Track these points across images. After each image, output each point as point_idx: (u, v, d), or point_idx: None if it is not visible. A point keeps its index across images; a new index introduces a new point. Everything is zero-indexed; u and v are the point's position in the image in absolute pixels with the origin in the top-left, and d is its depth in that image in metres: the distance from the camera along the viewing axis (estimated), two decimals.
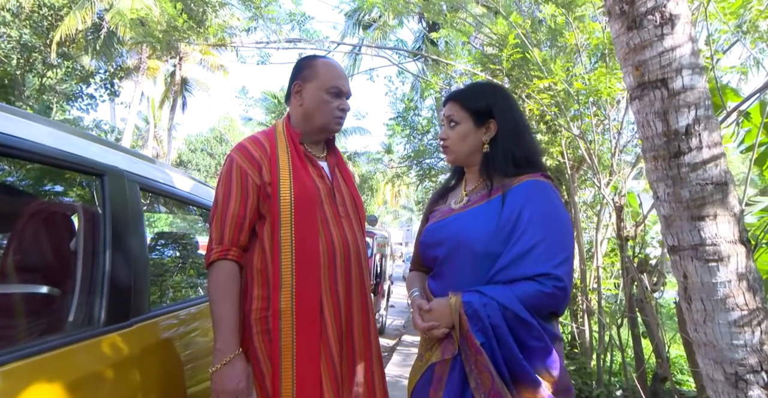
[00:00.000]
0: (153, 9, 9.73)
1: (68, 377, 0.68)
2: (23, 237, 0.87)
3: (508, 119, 1.17)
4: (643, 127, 1.55)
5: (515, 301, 0.95)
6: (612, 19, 1.58)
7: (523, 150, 1.16)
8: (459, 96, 1.21)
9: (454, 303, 1.00)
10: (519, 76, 3.42)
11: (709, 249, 1.39)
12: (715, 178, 1.40)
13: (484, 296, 0.98)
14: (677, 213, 1.46)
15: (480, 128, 1.17)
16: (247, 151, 1.22)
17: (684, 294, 1.50)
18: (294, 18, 3.41)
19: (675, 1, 1.44)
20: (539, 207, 1.05)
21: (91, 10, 9.41)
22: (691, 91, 1.42)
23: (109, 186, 0.87)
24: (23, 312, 0.83)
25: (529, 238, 1.00)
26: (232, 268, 1.14)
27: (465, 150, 1.18)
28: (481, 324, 0.95)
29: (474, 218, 1.10)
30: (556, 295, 0.98)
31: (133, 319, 0.90)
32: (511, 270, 0.99)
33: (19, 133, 0.71)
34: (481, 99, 1.19)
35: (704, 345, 1.45)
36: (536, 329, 0.96)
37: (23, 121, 0.76)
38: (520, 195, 1.08)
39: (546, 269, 0.98)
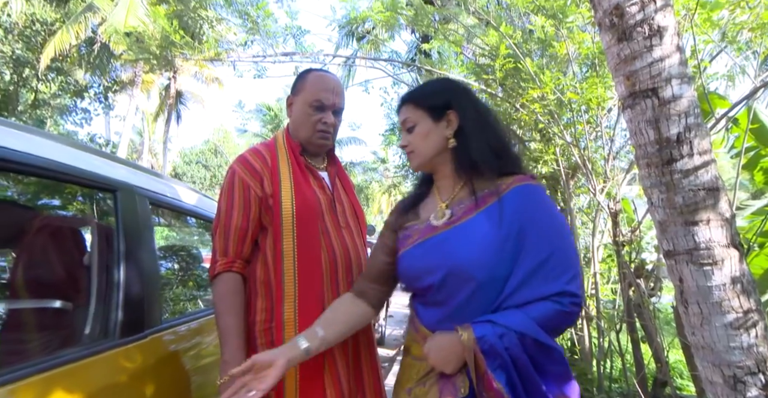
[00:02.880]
0: (147, 23, 9.81)
1: (88, 388, 0.70)
2: (40, 253, 0.88)
3: (469, 107, 1.04)
4: (636, 135, 1.59)
5: (533, 326, 0.84)
6: (602, 31, 1.64)
7: (496, 138, 1.04)
8: (410, 96, 1.09)
9: (467, 339, 0.84)
10: (512, 85, 3.48)
11: (704, 254, 1.42)
12: (707, 183, 1.44)
13: (498, 326, 0.85)
14: (671, 218, 1.50)
15: (439, 122, 1.03)
16: (248, 163, 1.22)
17: (680, 298, 1.53)
18: (290, 32, 3.47)
19: (662, 13, 1.50)
20: (541, 217, 0.95)
21: (84, 24, 9.47)
22: (680, 99, 1.47)
23: (121, 201, 0.89)
24: (43, 325, 0.84)
25: (536, 255, 0.90)
26: (237, 280, 1.15)
27: (430, 150, 1.04)
28: (500, 360, 0.83)
29: (467, 237, 0.94)
30: (575, 313, 0.90)
31: (147, 331, 0.91)
32: (523, 292, 0.89)
33: (36, 151, 0.73)
34: (434, 94, 1.07)
35: (702, 348, 1.47)
36: (557, 352, 0.86)
37: (41, 139, 0.77)
38: (516, 205, 0.96)
39: (560, 287, 0.88)
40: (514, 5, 3.45)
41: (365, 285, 1.08)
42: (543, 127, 3.12)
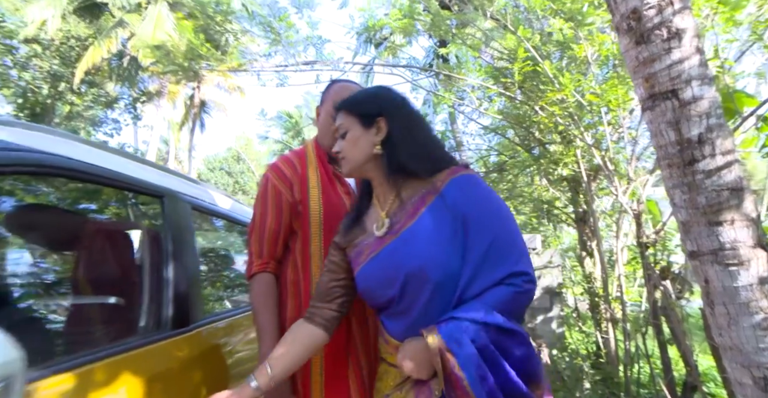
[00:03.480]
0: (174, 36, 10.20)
1: (146, 373, 0.78)
2: (101, 254, 0.97)
3: (398, 115, 1.05)
4: (656, 136, 1.60)
5: (492, 313, 0.86)
6: (620, 35, 1.66)
7: (422, 141, 1.04)
8: (344, 104, 1.10)
9: (433, 341, 0.84)
10: (531, 88, 3.49)
11: (729, 254, 1.42)
12: (731, 183, 1.43)
13: (461, 321, 0.86)
14: (695, 219, 1.50)
15: (369, 129, 1.04)
16: (280, 171, 1.29)
17: (706, 299, 1.52)
18: (311, 41, 3.57)
19: (681, 16, 1.51)
20: (479, 206, 0.95)
21: (115, 39, 9.92)
22: (701, 100, 1.47)
23: (167, 206, 0.97)
24: (108, 318, 0.93)
25: (481, 244, 0.91)
26: (271, 280, 1.21)
27: (359, 156, 1.04)
28: (473, 355, 0.82)
29: (414, 242, 0.95)
30: (530, 290, 0.91)
31: (192, 325, 0.99)
32: (477, 282, 0.90)
33: (97, 161, 0.82)
34: (365, 101, 1.08)
35: (730, 350, 1.46)
36: (520, 335, 0.87)
37: (101, 152, 0.86)
38: (454, 199, 0.96)
39: (509, 269, 0.90)
40: (532, 9, 3.46)
41: (314, 308, 1.07)
42: (563, 129, 3.12)
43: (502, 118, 4.18)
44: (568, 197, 4.02)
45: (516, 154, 4.44)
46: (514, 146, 4.50)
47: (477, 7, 4.46)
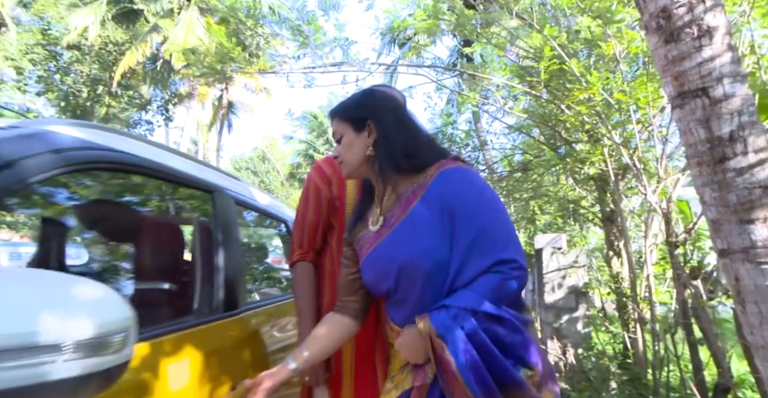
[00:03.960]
0: (204, 40, 10.56)
1: (203, 348, 0.89)
2: (166, 245, 1.08)
3: (386, 116, 1.10)
4: (686, 134, 1.59)
5: (481, 300, 0.89)
6: (649, 33, 1.66)
7: (410, 140, 1.08)
8: (336, 110, 1.17)
9: (424, 327, 0.90)
10: (557, 86, 3.47)
11: (761, 252, 1.40)
12: (764, 181, 1.42)
13: (451, 308, 0.90)
14: (725, 217, 1.49)
15: (360, 133, 1.10)
16: (321, 170, 1.40)
17: (737, 297, 1.51)
18: (338, 43, 3.66)
19: (713, 13, 1.50)
20: (466, 197, 0.99)
21: (150, 43, 10.35)
22: (733, 98, 1.47)
23: (217, 201, 1.06)
24: (172, 301, 1.04)
25: (468, 234, 0.94)
26: (310, 268, 1.31)
27: (354, 159, 1.10)
28: (460, 340, 0.86)
29: (404, 236, 1.00)
30: (518, 276, 0.93)
31: (239, 309, 1.08)
32: (466, 272, 0.93)
33: (163, 161, 0.92)
34: (354, 106, 1.14)
35: (762, 348, 1.44)
36: (510, 322, 0.91)
37: (164, 152, 0.96)
38: (441, 192, 1.00)
39: (495, 257, 0.92)
40: (559, 6, 3.44)
41: (341, 301, 1.13)
42: (590, 127, 3.09)
43: (527, 117, 4.16)
44: (594, 196, 3.97)
45: (541, 152, 4.41)
46: (539, 145, 4.46)
47: (502, 6, 4.45)
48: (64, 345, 0.34)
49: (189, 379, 0.83)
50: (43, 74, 10.81)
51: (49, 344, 0.33)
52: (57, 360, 0.33)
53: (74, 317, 0.35)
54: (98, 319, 0.37)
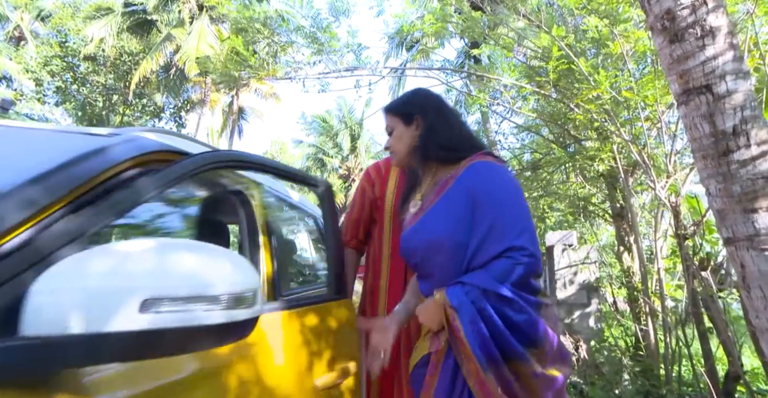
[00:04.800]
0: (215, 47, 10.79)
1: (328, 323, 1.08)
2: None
3: (430, 112, 1.24)
4: (691, 129, 1.68)
5: (492, 281, 0.99)
6: (654, 34, 1.75)
7: (450, 133, 1.21)
8: (388, 107, 1.33)
9: (440, 298, 1.03)
10: (566, 85, 3.54)
11: (764, 239, 1.48)
12: (765, 172, 1.50)
13: (465, 285, 1.01)
14: (730, 207, 1.56)
15: (409, 126, 1.26)
16: (367, 173, 1.67)
17: (743, 283, 1.58)
18: (351, 48, 3.79)
19: (715, 14, 1.59)
20: (489, 188, 1.10)
21: (164, 53, 10.62)
22: (736, 93, 1.55)
23: (324, 194, 1.24)
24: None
25: (486, 221, 1.05)
26: (351, 253, 1.59)
27: (403, 149, 1.26)
28: (468, 312, 0.98)
29: (433, 218, 1.13)
30: (528, 263, 1.02)
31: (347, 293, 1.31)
32: (481, 254, 1.04)
33: (262, 159, 1.08)
34: (404, 102, 1.31)
35: (767, 331, 1.51)
36: (516, 303, 0.99)
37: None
38: (468, 182, 1.11)
39: (508, 243, 1.02)
40: (567, 7, 3.52)
41: None
42: (599, 125, 3.16)
43: (537, 117, 4.23)
44: (604, 193, 4.03)
45: (551, 151, 4.47)
46: (548, 144, 4.53)
47: (509, 7, 4.53)
48: (221, 297, 0.45)
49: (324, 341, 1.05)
50: (61, 85, 11.13)
51: (212, 295, 0.44)
52: (215, 309, 0.44)
53: (225, 276, 0.46)
54: (239, 280, 0.47)
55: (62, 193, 0.56)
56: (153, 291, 0.40)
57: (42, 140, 0.73)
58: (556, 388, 1.00)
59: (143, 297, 0.40)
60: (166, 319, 0.41)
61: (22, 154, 0.65)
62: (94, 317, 0.39)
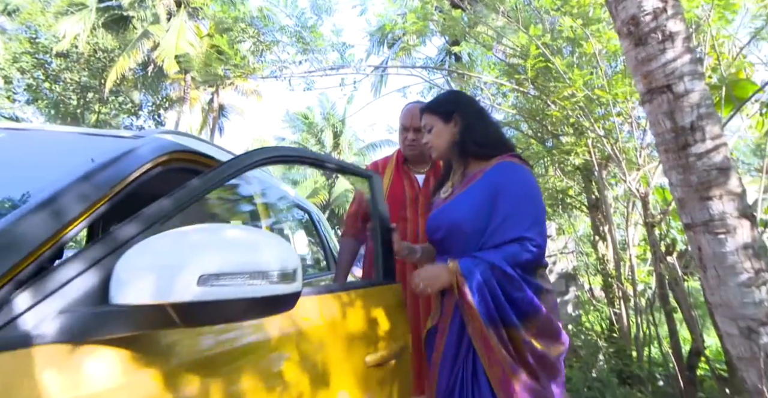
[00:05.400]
0: (195, 45, 10.63)
1: (379, 303, 1.19)
2: None
3: (468, 111, 1.41)
4: (655, 125, 1.83)
5: (501, 260, 1.16)
6: (621, 38, 1.89)
7: (486, 132, 1.39)
8: (427, 106, 1.48)
9: (453, 266, 1.20)
10: (543, 82, 3.70)
11: (718, 224, 1.65)
12: (719, 164, 1.66)
13: (476, 259, 1.19)
14: (688, 195, 1.73)
15: (448, 124, 1.41)
16: None
17: (700, 263, 1.75)
18: (335, 47, 3.86)
19: (673, 20, 1.74)
20: (511, 185, 1.27)
21: (141, 50, 10.40)
22: (692, 93, 1.71)
23: (374, 184, 1.36)
24: None
25: (504, 212, 1.22)
26: (348, 241, 1.80)
27: (443, 144, 1.41)
28: (475, 280, 1.15)
29: (459, 204, 1.31)
30: (534, 251, 1.19)
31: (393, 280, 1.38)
32: (494, 238, 1.21)
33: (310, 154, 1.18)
34: (444, 102, 1.46)
35: (720, 306, 1.69)
36: (517, 281, 1.16)
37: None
38: (494, 177, 1.29)
39: (520, 232, 1.20)
40: (542, 6, 3.67)
41: None
42: (574, 121, 3.33)
43: (516, 113, 4.39)
44: (581, 186, 4.23)
45: (530, 146, 4.65)
46: (527, 139, 4.70)
47: (489, 6, 4.66)
48: (267, 274, 0.54)
49: (378, 321, 1.16)
50: (32, 83, 10.77)
51: (259, 271, 0.53)
52: (262, 284, 0.52)
53: (271, 256, 0.55)
54: (282, 258, 0.56)
55: (106, 189, 0.65)
56: (208, 267, 0.49)
57: (78, 143, 0.81)
58: (538, 355, 1.16)
59: (200, 272, 0.49)
60: (220, 292, 0.50)
61: (65, 156, 0.73)
62: (162, 289, 0.48)
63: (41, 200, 0.57)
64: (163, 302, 0.48)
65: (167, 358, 0.57)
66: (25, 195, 0.61)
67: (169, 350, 0.57)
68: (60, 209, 0.57)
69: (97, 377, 0.49)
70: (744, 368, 1.71)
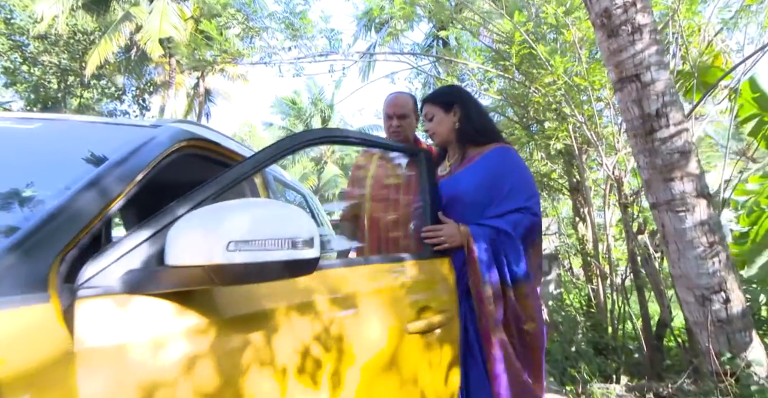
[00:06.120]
0: (179, 28, 10.40)
1: (424, 275, 1.26)
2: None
3: (468, 104, 1.58)
4: (625, 112, 1.97)
5: (504, 224, 1.36)
6: (596, 29, 2.01)
7: (483, 123, 1.57)
8: (430, 97, 1.64)
9: (464, 230, 1.38)
10: (527, 69, 3.81)
11: (678, 203, 1.81)
12: (680, 148, 1.82)
13: (483, 225, 1.38)
14: (654, 177, 1.88)
15: (449, 114, 1.57)
16: (359, 156, 2.00)
17: (663, 239, 1.92)
18: (324, 33, 3.89)
19: (642, 14, 1.86)
20: (507, 165, 1.46)
21: (123, 33, 10.15)
22: (658, 82, 1.84)
23: (422, 162, 1.43)
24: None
25: (507, 186, 1.41)
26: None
27: (444, 131, 1.57)
28: (483, 241, 1.34)
29: (461, 180, 1.49)
30: (533, 219, 1.40)
31: None
32: (500, 207, 1.40)
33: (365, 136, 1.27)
34: (445, 94, 1.63)
35: (680, 277, 1.87)
36: (515, 241, 1.36)
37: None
38: (493, 159, 1.48)
39: (520, 203, 1.40)
40: None
41: None
42: (556, 107, 3.46)
43: (502, 98, 4.50)
44: (563, 169, 4.39)
45: (516, 131, 4.78)
46: (513, 124, 4.83)
47: None
48: (288, 241, 0.65)
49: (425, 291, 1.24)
50: (9, 65, 10.46)
51: (282, 238, 0.63)
52: (284, 249, 0.62)
53: (293, 224, 0.65)
54: (302, 227, 0.66)
55: (136, 172, 0.75)
56: (237, 235, 0.60)
57: (107, 132, 0.90)
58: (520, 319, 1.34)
59: (229, 239, 0.60)
60: (246, 256, 0.61)
61: (95, 145, 0.83)
62: (200, 253, 0.59)
63: (88, 181, 0.67)
64: (201, 264, 0.60)
65: (213, 312, 0.69)
66: (70, 178, 0.71)
67: (212, 305, 0.69)
68: (105, 189, 0.68)
69: (152, 323, 0.61)
70: (698, 332, 1.91)
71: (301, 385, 0.76)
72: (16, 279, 0.51)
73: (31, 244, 0.54)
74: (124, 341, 0.57)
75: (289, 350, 0.77)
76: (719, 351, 1.70)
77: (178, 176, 1.07)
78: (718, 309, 1.74)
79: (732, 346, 1.70)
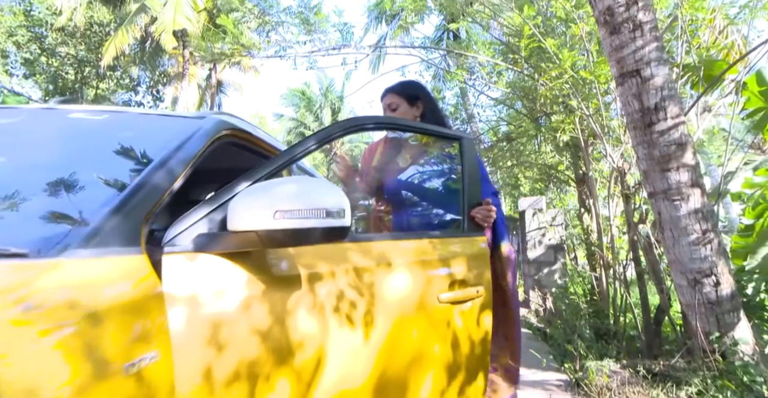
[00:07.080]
0: (192, 20, 10.53)
1: (464, 251, 1.34)
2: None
3: (430, 100, 1.71)
4: (625, 105, 2.07)
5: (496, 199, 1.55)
6: (599, 26, 2.10)
7: (442, 118, 1.70)
8: (395, 88, 1.72)
9: None
10: (536, 62, 3.88)
11: (674, 192, 1.92)
12: (677, 140, 1.92)
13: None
14: (651, 167, 1.99)
15: (412, 107, 1.68)
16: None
17: (659, 227, 2.03)
18: (338, 27, 4.00)
19: (643, 11, 1.95)
20: None
21: (138, 25, 10.33)
22: (657, 77, 1.94)
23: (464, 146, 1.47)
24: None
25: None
26: None
27: None
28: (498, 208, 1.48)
29: None
30: None
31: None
32: None
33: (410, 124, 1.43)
34: (412, 88, 1.73)
35: (674, 262, 1.98)
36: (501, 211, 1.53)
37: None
38: None
39: (493, 189, 1.57)
40: None
41: None
42: (562, 100, 3.54)
43: (511, 91, 4.58)
44: (570, 161, 4.47)
45: (524, 123, 4.86)
46: (521, 117, 4.91)
47: None
48: (325, 210, 0.79)
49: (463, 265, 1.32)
50: (29, 57, 10.71)
51: (318, 208, 0.77)
52: (320, 218, 0.77)
53: (327, 197, 0.79)
54: (335, 200, 0.80)
55: (191, 156, 0.89)
56: (281, 206, 0.75)
57: (162, 123, 1.05)
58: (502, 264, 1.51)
59: (275, 209, 0.75)
60: (287, 223, 0.75)
61: (155, 133, 0.97)
62: (251, 220, 0.74)
63: (158, 162, 0.82)
64: (252, 229, 0.74)
65: (265, 270, 0.83)
66: (142, 161, 0.86)
67: (264, 264, 0.84)
68: (170, 169, 0.82)
69: (215, 276, 0.75)
70: (690, 313, 2.02)
71: (337, 326, 0.90)
72: (117, 235, 0.66)
73: (127, 210, 0.68)
74: (195, 287, 0.72)
75: (330, 300, 0.91)
76: (709, 330, 1.82)
77: (218, 161, 1.22)
78: (708, 292, 1.85)
79: (721, 326, 1.81)
